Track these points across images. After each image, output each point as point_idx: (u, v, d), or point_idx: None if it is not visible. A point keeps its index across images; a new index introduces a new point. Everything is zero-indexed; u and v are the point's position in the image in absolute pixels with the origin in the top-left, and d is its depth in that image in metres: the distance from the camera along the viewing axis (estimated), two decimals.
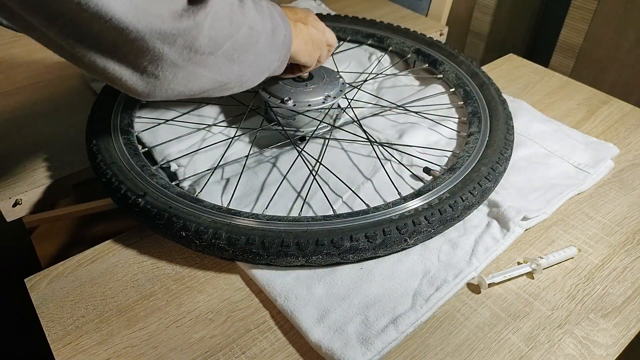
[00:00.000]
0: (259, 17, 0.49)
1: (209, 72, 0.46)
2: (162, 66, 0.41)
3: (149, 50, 0.39)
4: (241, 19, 0.46)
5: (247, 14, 0.47)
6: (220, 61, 0.46)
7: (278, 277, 0.53)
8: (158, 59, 0.41)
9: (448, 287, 0.52)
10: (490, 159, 0.61)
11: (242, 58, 0.48)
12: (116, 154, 0.61)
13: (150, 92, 0.44)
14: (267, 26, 0.51)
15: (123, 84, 0.42)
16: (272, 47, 0.53)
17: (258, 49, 0.50)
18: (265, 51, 0.52)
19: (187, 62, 0.43)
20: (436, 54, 0.84)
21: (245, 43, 0.47)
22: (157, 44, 0.39)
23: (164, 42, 0.40)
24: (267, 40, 0.51)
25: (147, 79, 0.42)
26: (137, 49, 0.39)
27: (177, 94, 0.46)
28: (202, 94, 0.49)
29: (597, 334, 0.49)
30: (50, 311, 0.51)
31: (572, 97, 0.84)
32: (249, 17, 0.47)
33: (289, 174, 0.64)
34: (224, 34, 0.44)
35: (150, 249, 0.57)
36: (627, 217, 0.62)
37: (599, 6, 1.22)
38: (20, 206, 0.65)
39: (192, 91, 0.47)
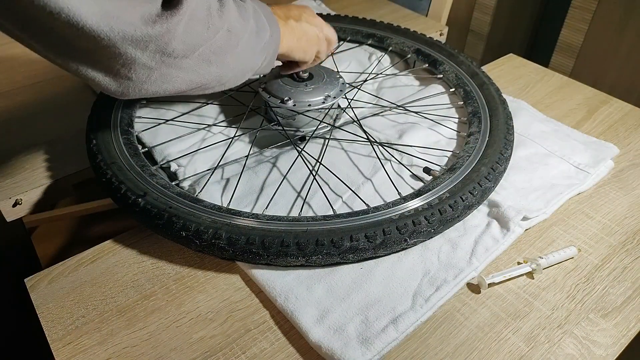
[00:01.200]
0: (240, 19, 0.49)
1: (184, 74, 0.46)
2: (135, 69, 0.42)
3: (120, 55, 0.40)
4: (219, 23, 0.46)
5: (226, 18, 0.47)
6: (196, 63, 0.46)
7: (278, 277, 0.53)
8: (130, 63, 0.41)
9: (448, 287, 0.52)
10: (490, 159, 0.61)
11: (220, 60, 0.48)
12: (116, 154, 0.61)
13: (124, 92, 0.44)
14: (250, 28, 0.51)
15: (97, 84, 0.43)
16: (255, 48, 0.53)
17: (238, 51, 0.50)
18: (247, 53, 0.52)
19: (160, 65, 0.43)
20: (436, 54, 0.84)
21: (223, 46, 0.48)
22: (129, 49, 0.40)
23: (136, 48, 0.40)
24: (250, 42, 0.51)
25: (121, 80, 0.43)
26: (109, 54, 0.40)
27: (153, 94, 0.46)
28: (180, 94, 0.49)
29: (597, 334, 0.49)
30: (50, 311, 0.51)
31: (572, 97, 0.84)
32: (229, 20, 0.47)
33: (289, 174, 0.64)
34: (199, 39, 0.45)
35: (150, 249, 0.57)
36: (627, 217, 0.62)
37: (599, 6, 1.21)
38: (20, 206, 0.65)
39: (168, 91, 0.47)
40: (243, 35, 0.50)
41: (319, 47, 0.65)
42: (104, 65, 0.41)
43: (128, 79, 0.43)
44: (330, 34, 0.67)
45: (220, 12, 0.46)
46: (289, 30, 0.60)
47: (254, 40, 0.52)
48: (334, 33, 0.69)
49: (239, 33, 0.49)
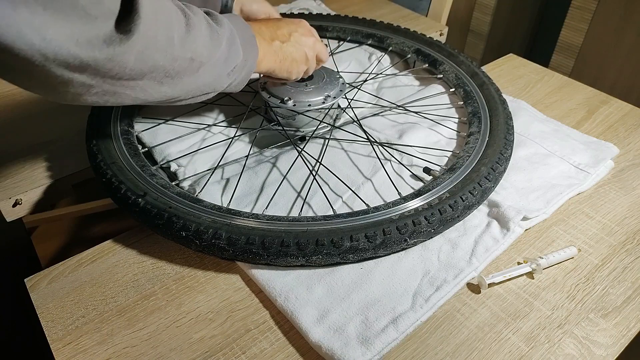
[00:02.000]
0: (209, 45, 0.48)
1: (130, 92, 0.44)
2: (73, 85, 0.40)
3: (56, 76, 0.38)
4: (180, 51, 0.44)
5: (190, 46, 0.45)
6: (146, 84, 0.45)
7: (278, 277, 0.53)
8: (67, 82, 0.39)
9: (448, 287, 0.52)
10: (490, 159, 0.61)
11: (175, 83, 0.47)
12: (116, 154, 0.61)
13: (64, 101, 0.43)
14: (219, 54, 0.49)
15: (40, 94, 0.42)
16: (220, 73, 0.51)
17: (198, 75, 0.48)
18: (208, 77, 0.50)
19: (101, 83, 0.41)
20: (436, 54, 0.84)
21: (180, 72, 0.46)
22: (65, 72, 0.38)
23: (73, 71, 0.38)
24: (214, 67, 0.50)
25: (58, 93, 0.41)
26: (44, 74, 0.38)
27: (92, 104, 0.44)
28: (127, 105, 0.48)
29: (597, 334, 0.49)
30: (50, 311, 0.51)
31: (572, 97, 0.84)
32: (193, 48, 0.46)
33: (289, 174, 0.64)
34: (153, 65, 0.43)
35: (150, 249, 0.57)
36: (627, 217, 0.62)
37: (599, 6, 1.21)
38: (20, 206, 0.65)
39: (110, 103, 0.45)
40: (208, 61, 0.48)
41: (307, 65, 0.65)
42: (40, 81, 0.39)
43: (65, 92, 0.41)
44: (322, 51, 0.66)
45: (183, 40, 0.44)
46: (272, 52, 0.59)
47: (221, 65, 0.51)
48: (326, 53, 0.67)
49: (202, 60, 0.48)
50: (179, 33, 0.44)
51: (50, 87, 0.40)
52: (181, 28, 0.45)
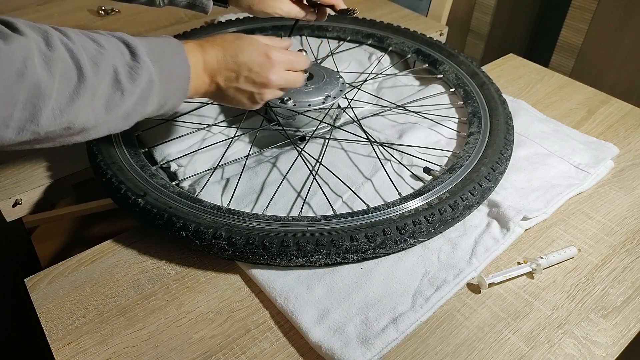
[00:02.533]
0: (100, 110, 0.43)
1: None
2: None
3: None
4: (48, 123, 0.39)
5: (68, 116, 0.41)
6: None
7: (278, 277, 0.53)
8: None
9: (448, 287, 0.52)
10: (490, 159, 0.61)
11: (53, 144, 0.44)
12: (116, 154, 0.61)
13: None
14: (111, 117, 0.45)
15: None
16: (114, 128, 0.47)
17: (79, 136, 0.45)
18: (94, 134, 0.46)
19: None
20: (436, 54, 0.84)
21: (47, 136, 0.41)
22: None
23: None
24: (103, 127, 0.46)
25: None
26: None
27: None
28: None
29: (597, 334, 0.49)
30: (50, 311, 0.51)
31: (572, 97, 0.84)
32: (72, 116, 0.41)
33: (289, 174, 0.64)
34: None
35: (150, 249, 0.57)
36: (627, 217, 0.62)
37: (599, 6, 1.21)
38: (20, 206, 0.65)
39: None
40: (92, 126, 0.44)
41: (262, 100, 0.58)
42: None
43: None
44: (300, 63, 0.59)
45: (59, 111, 0.40)
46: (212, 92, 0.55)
47: (115, 123, 0.46)
48: (305, 61, 0.59)
49: (85, 126, 0.43)
50: (53, 106, 0.39)
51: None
52: (60, 99, 0.40)
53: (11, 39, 0.37)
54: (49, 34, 0.40)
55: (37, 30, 0.40)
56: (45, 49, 0.39)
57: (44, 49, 0.39)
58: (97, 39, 0.44)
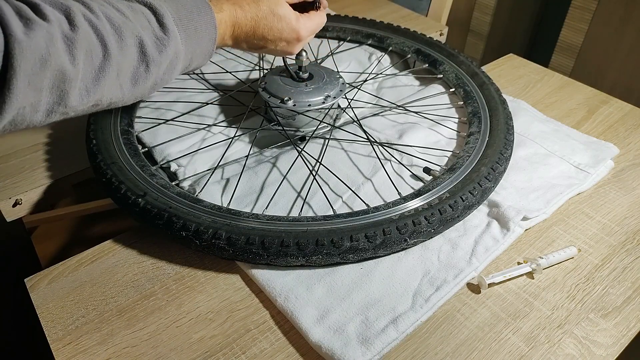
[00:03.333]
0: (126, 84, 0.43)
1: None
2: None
3: None
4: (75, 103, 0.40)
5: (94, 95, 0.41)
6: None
7: (278, 277, 0.53)
8: None
9: (448, 287, 0.52)
10: (490, 159, 0.61)
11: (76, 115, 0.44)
12: (116, 154, 0.61)
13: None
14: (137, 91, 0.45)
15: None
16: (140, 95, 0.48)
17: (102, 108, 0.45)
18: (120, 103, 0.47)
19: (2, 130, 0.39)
20: (436, 54, 0.84)
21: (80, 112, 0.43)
22: None
23: None
24: (128, 98, 0.46)
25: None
26: None
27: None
28: None
29: (597, 334, 0.49)
30: (50, 311, 0.51)
31: (572, 97, 0.84)
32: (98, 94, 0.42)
33: (289, 174, 0.64)
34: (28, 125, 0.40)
35: (150, 249, 0.57)
36: (627, 217, 0.62)
37: (599, 6, 1.21)
38: (20, 206, 0.65)
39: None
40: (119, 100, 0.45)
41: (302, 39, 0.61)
42: None
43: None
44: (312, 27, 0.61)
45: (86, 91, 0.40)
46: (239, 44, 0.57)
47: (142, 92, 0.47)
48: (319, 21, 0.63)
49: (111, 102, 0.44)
50: (80, 86, 0.40)
51: None
52: (85, 79, 0.40)
53: (33, 26, 0.37)
54: (72, 12, 0.40)
55: (60, 9, 0.39)
56: (69, 30, 0.39)
57: (67, 31, 0.39)
58: (122, 8, 0.44)
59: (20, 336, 0.96)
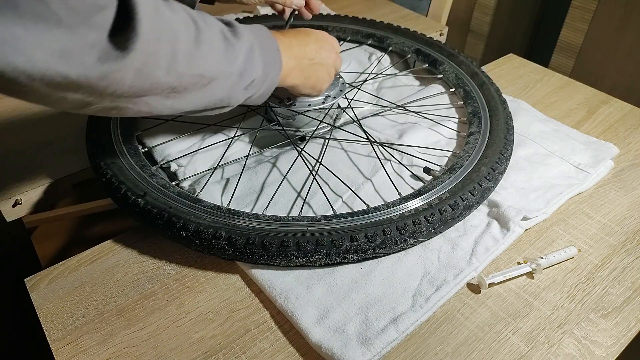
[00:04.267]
0: (221, 60, 0.46)
1: (133, 106, 0.42)
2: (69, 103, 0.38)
3: (48, 96, 0.36)
4: (185, 68, 0.42)
5: (198, 61, 0.43)
6: (150, 99, 0.43)
7: (278, 277, 0.53)
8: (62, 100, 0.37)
9: (448, 287, 0.52)
10: (490, 159, 0.61)
11: (182, 97, 0.45)
12: (116, 154, 0.61)
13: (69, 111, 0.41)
14: (232, 69, 0.48)
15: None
16: (234, 88, 0.50)
17: (208, 90, 0.47)
18: (220, 92, 0.48)
19: (101, 100, 0.39)
20: (436, 54, 0.84)
21: (188, 87, 0.44)
22: (57, 92, 0.35)
23: (74, 91, 0.36)
24: (227, 82, 0.48)
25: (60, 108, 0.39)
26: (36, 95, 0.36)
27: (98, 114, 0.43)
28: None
29: (597, 334, 0.49)
30: (50, 311, 0.51)
31: (572, 97, 0.84)
32: (201, 64, 0.44)
33: (289, 174, 0.64)
34: (154, 82, 0.41)
35: (150, 249, 0.57)
36: (627, 217, 0.62)
37: (599, 6, 1.21)
38: (20, 206, 0.65)
39: (113, 115, 0.44)
40: (219, 77, 0.47)
41: (330, 83, 0.66)
42: (35, 98, 0.37)
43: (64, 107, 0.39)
44: (339, 66, 0.67)
45: (190, 56, 0.42)
46: (299, 70, 0.59)
47: (235, 80, 0.49)
48: (341, 63, 0.68)
49: (213, 75, 0.46)
50: (185, 49, 0.42)
51: (48, 103, 0.38)
52: (189, 43, 0.42)
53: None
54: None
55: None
56: (164, 3, 0.41)
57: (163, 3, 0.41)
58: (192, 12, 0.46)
59: (20, 336, 0.96)
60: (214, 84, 0.47)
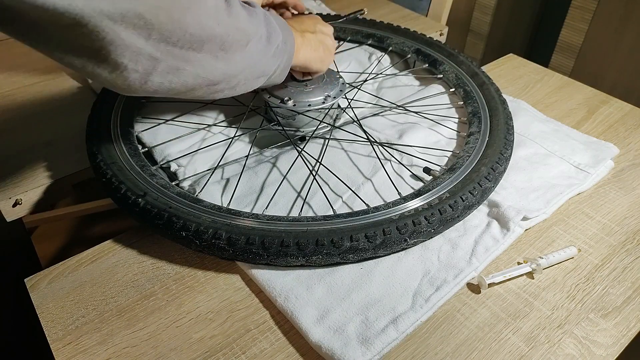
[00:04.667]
0: (250, 20, 0.49)
1: (191, 67, 0.45)
2: (141, 60, 0.41)
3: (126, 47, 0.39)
4: (228, 20, 0.45)
5: (235, 16, 0.47)
6: (204, 58, 0.45)
7: (278, 277, 0.53)
8: (137, 54, 0.40)
9: (448, 287, 0.52)
10: (490, 159, 0.61)
11: (229, 57, 0.47)
12: (116, 154, 0.61)
13: (131, 86, 0.43)
14: (261, 31, 0.50)
15: (103, 81, 0.42)
16: (267, 52, 0.52)
17: (248, 50, 0.49)
18: (258, 55, 0.51)
19: (166, 56, 0.42)
20: (436, 54, 0.84)
21: (232, 43, 0.47)
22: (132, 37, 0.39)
23: (139, 36, 0.39)
24: (260, 44, 0.51)
25: (127, 74, 0.41)
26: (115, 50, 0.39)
27: (158, 86, 0.44)
28: (189, 92, 0.48)
29: (597, 334, 0.49)
30: (50, 311, 0.51)
31: (572, 97, 0.84)
32: (238, 19, 0.47)
33: (289, 174, 0.64)
34: (210, 33, 0.44)
35: (150, 249, 0.57)
36: (627, 217, 0.62)
37: (599, 6, 1.22)
38: (20, 206, 0.65)
39: (174, 84, 0.45)
40: (253, 36, 0.49)
41: (332, 54, 0.67)
42: (111, 62, 0.40)
43: (135, 71, 0.41)
44: (334, 45, 0.69)
45: (228, 11, 0.46)
46: (306, 42, 0.61)
47: (264, 44, 0.51)
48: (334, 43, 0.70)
49: (249, 33, 0.49)
50: (221, 5, 0.45)
51: (119, 67, 0.40)
52: (222, 3, 0.45)
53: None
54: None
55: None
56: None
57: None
58: None
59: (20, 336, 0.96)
60: (251, 45, 0.49)
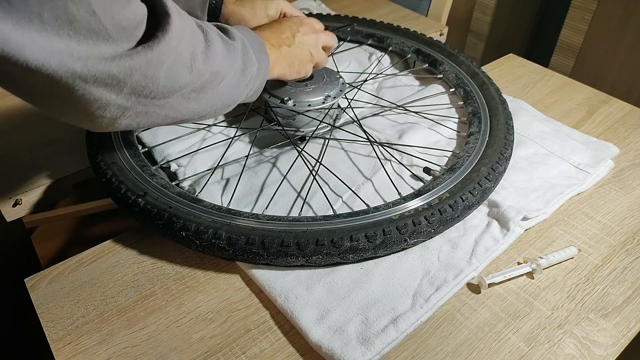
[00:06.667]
0: (227, 59, 0.49)
1: (160, 110, 0.45)
2: (110, 109, 0.41)
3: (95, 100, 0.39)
4: (203, 67, 0.46)
5: (211, 60, 0.47)
6: (175, 101, 0.45)
7: (278, 277, 0.53)
8: (105, 105, 0.40)
9: (448, 287, 0.52)
10: (490, 159, 0.61)
11: (200, 97, 0.48)
12: (116, 154, 0.61)
13: (99, 128, 0.44)
14: (236, 67, 0.51)
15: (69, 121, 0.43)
16: (239, 85, 0.52)
17: (221, 88, 0.49)
18: (229, 90, 0.51)
19: (136, 105, 0.42)
20: (436, 54, 0.84)
21: (205, 86, 0.47)
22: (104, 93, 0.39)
23: (111, 91, 0.39)
24: (234, 79, 0.51)
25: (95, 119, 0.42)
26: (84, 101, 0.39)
27: (125, 128, 0.45)
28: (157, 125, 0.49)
29: (597, 334, 0.49)
30: (50, 311, 0.51)
31: (572, 97, 0.84)
32: (215, 61, 0.47)
33: (289, 174, 0.64)
34: (181, 82, 0.44)
35: (150, 249, 0.57)
36: (627, 217, 0.62)
37: (599, 6, 1.22)
38: (20, 206, 0.65)
39: (142, 125, 0.46)
40: (228, 74, 0.49)
41: (314, 62, 0.66)
42: (79, 110, 0.40)
43: (103, 117, 0.42)
44: (328, 41, 0.68)
45: (205, 56, 0.46)
46: (281, 58, 0.61)
47: (238, 77, 0.52)
48: (333, 39, 0.69)
49: (224, 73, 0.49)
50: (200, 49, 0.46)
51: (87, 114, 0.41)
52: (202, 44, 0.46)
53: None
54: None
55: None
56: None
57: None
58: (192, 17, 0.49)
59: (20, 336, 0.96)
60: (225, 82, 0.50)
